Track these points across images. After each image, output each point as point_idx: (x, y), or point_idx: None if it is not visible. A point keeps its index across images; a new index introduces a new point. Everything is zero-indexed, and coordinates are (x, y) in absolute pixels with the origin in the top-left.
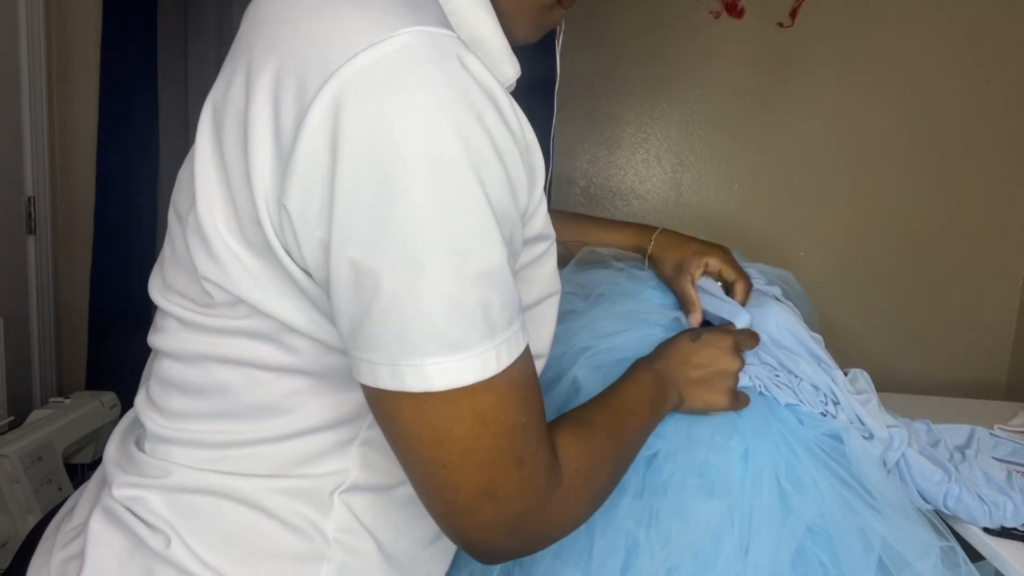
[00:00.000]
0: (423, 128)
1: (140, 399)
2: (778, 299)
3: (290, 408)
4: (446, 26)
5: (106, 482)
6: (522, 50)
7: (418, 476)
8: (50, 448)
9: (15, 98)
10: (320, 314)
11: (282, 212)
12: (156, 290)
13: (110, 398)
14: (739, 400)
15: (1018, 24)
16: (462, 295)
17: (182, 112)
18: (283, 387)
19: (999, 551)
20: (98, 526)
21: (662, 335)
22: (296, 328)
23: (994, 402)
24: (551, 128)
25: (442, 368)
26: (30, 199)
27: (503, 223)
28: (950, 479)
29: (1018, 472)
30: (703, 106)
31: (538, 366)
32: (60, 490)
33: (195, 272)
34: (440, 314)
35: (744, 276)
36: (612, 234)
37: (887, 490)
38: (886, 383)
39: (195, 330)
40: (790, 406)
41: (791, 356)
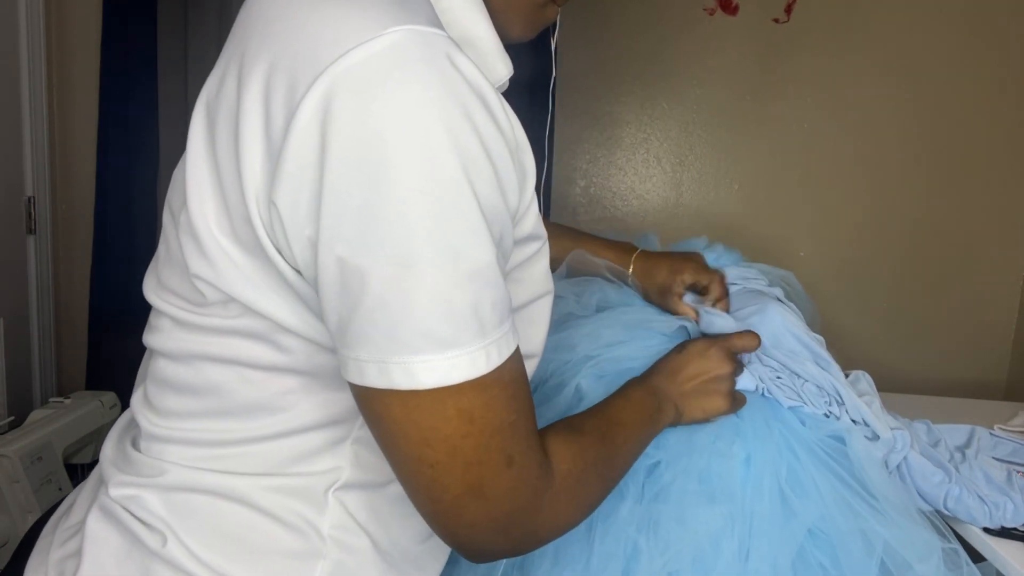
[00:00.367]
0: (411, 126)
1: (136, 399)
2: (780, 300)
3: (283, 407)
4: (436, 25)
5: (103, 481)
6: (517, 48)
7: (405, 474)
8: (50, 448)
9: (15, 98)
10: (311, 313)
11: (272, 210)
12: (150, 289)
13: (110, 398)
14: (737, 401)
15: (1017, 21)
16: (451, 293)
17: (182, 112)
18: (276, 386)
19: (999, 551)
20: (95, 525)
21: (667, 344)
22: (288, 327)
23: (994, 402)
24: (547, 127)
25: (430, 366)
26: (30, 199)
27: (492, 223)
28: (950, 480)
29: (1018, 472)
30: (703, 106)
31: (531, 366)
32: (60, 490)
33: (187, 271)
34: (428, 312)
35: (716, 275)
36: (591, 251)
37: (889, 491)
38: (886, 383)
39: (188, 329)
40: (793, 408)
41: (794, 357)
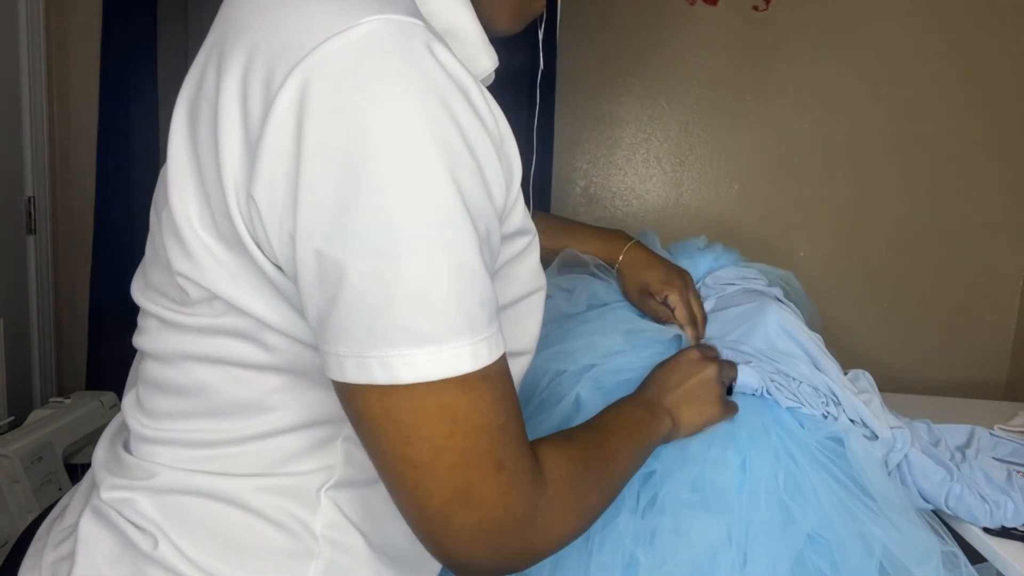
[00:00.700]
0: (388, 117)
1: (126, 401)
2: (779, 299)
3: (272, 406)
4: (415, 15)
5: (95, 484)
6: (508, 41)
7: (389, 477)
8: (50, 448)
9: (15, 98)
10: (293, 311)
11: (251, 204)
12: (138, 291)
13: (110, 398)
14: (730, 408)
15: (1019, 19)
16: (431, 287)
17: None
18: (263, 385)
19: (999, 552)
20: (88, 527)
21: (665, 353)
22: (271, 325)
23: (994, 402)
24: (534, 120)
25: (408, 360)
26: (30, 199)
27: (477, 218)
28: (952, 478)
29: (1018, 472)
30: (703, 106)
31: (525, 362)
32: (60, 490)
33: (170, 269)
34: (407, 305)
35: (691, 323)
36: (580, 244)
37: (889, 492)
38: (886, 383)
39: (175, 330)
40: (791, 409)
41: (787, 359)
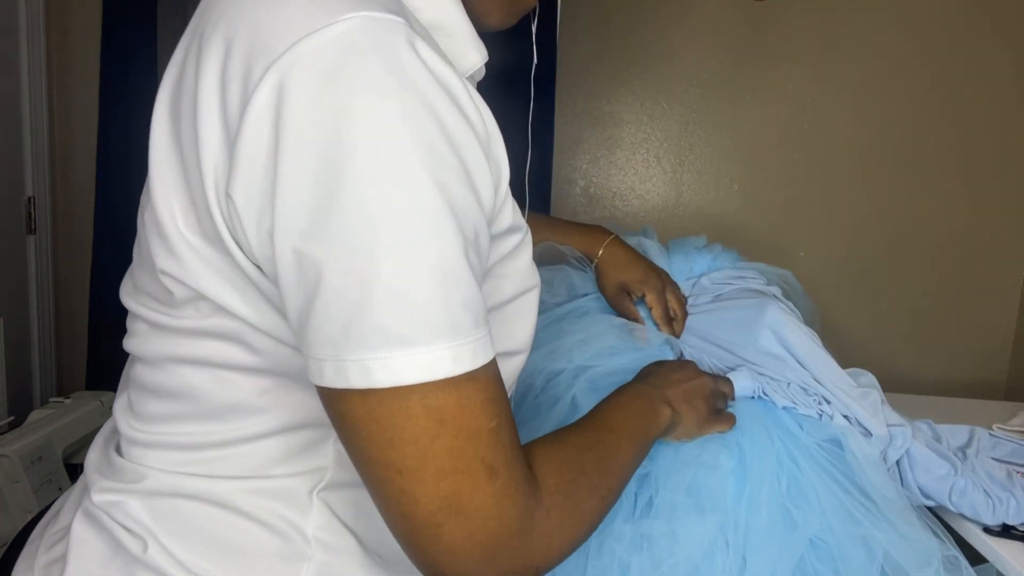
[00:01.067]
0: (365, 116)
1: (117, 405)
2: (777, 298)
3: (261, 408)
4: (397, 12)
5: (87, 487)
6: (502, 36)
7: (374, 484)
8: (50, 448)
9: (15, 98)
10: (275, 312)
11: (229, 202)
12: (127, 294)
13: (110, 398)
14: (727, 420)
15: (1015, 14)
16: (410, 288)
17: None
18: (251, 386)
19: (1000, 552)
20: (80, 530)
21: (660, 355)
22: (256, 326)
23: (994, 402)
24: (528, 116)
25: (385, 363)
26: (30, 199)
27: (463, 219)
28: (956, 472)
29: (1018, 472)
30: (703, 106)
31: (520, 361)
32: (60, 490)
33: (155, 269)
34: (385, 307)
35: (668, 321)
36: (560, 238)
37: (889, 493)
38: (886, 383)
39: (163, 332)
40: (787, 409)
41: (774, 362)
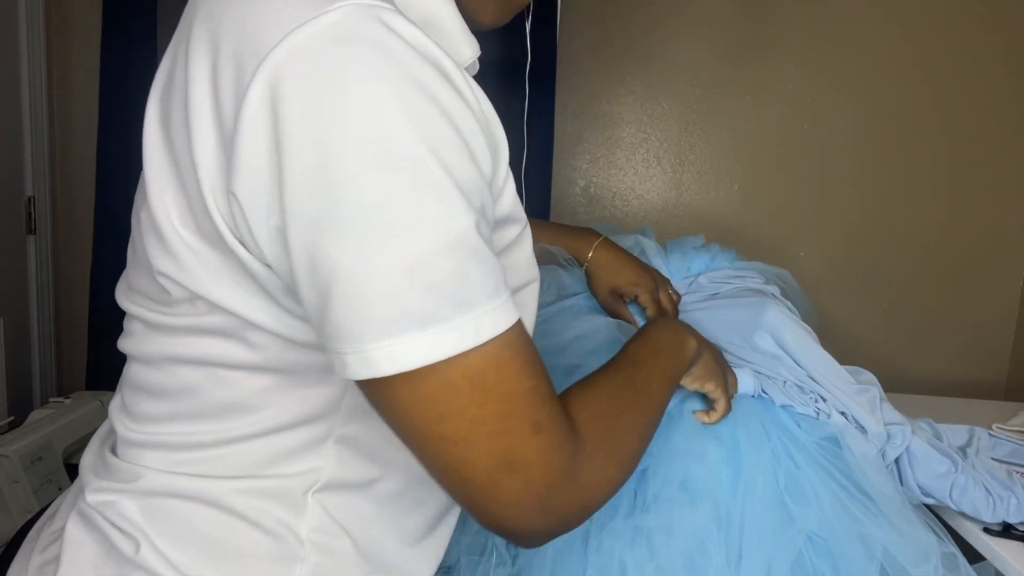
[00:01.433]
0: (362, 102)
1: (113, 405)
2: (776, 297)
3: (257, 406)
4: (386, 1)
5: (81, 488)
6: (495, 35)
7: (430, 459)
8: (50, 448)
9: (15, 98)
10: (278, 307)
11: (232, 201)
12: (122, 294)
13: (110, 398)
14: (733, 383)
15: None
16: (425, 266)
17: None
18: (249, 385)
19: (999, 551)
20: (73, 531)
21: None
22: (255, 323)
23: (994, 402)
24: (523, 113)
25: (412, 347)
26: (30, 199)
27: (470, 192)
28: (957, 469)
29: (1017, 472)
30: (703, 106)
31: None
32: (60, 490)
33: (151, 269)
34: (403, 289)
35: (657, 306)
36: (549, 239)
37: (887, 491)
38: (886, 383)
39: (159, 331)
40: (785, 407)
41: (770, 361)
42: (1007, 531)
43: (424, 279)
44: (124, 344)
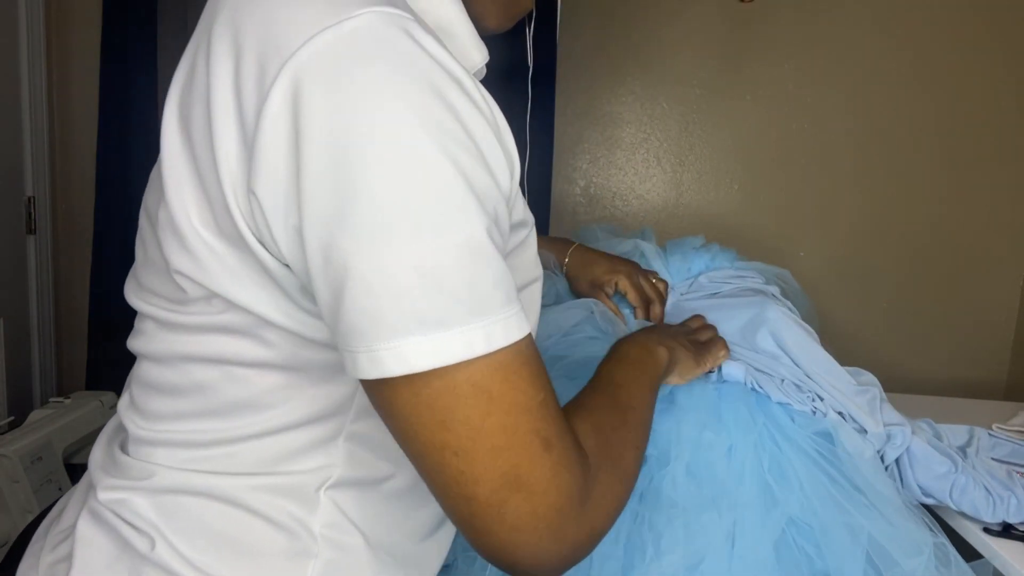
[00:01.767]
0: (382, 107)
1: (122, 403)
2: (776, 297)
3: (270, 404)
4: (405, 9)
5: (92, 486)
6: (498, 39)
7: (429, 469)
8: (50, 448)
9: (15, 98)
10: (295, 306)
11: (252, 199)
12: (132, 292)
13: (110, 398)
14: (720, 345)
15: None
16: (438, 269)
17: None
18: (261, 383)
19: (999, 551)
20: (85, 528)
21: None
22: (271, 321)
23: (994, 402)
24: (526, 118)
25: (421, 349)
26: (30, 199)
27: (484, 199)
28: (957, 469)
29: (1017, 472)
30: (703, 106)
31: None
32: (60, 490)
33: (167, 269)
34: (414, 290)
35: (645, 304)
36: None
37: (881, 487)
38: (886, 383)
39: (172, 329)
40: (782, 404)
41: (770, 360)
42: (1007, 531)
43: (436, 282)
44: (134, 343)
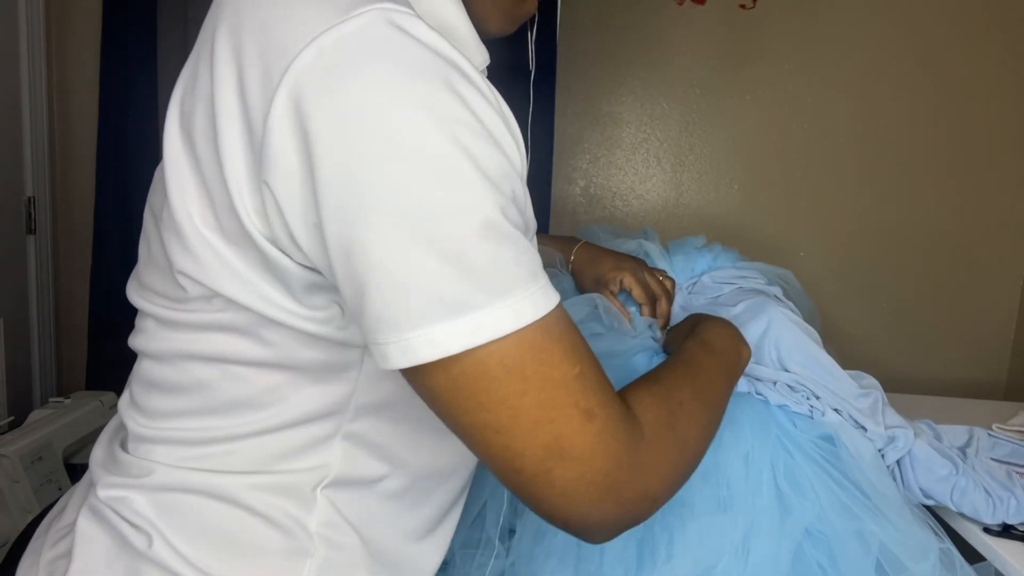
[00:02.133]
0: (388, 101)
1: (123, 401)
2: (778, 298)
3: (269, 402)
4: (406, 5)
5: (92, 483)
6: (499, 42)
7: (478, 448)
8: (50, 448)
9: (15, 98)
10: (297, 304)
11: (267, 200)
12: (133, 291)
13: (110, 398)
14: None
15: (1014, 13)
16: (458, 253)
17: None
18: (261, 381)
19: (999, 551)
20: (85, 525)
21: (645, 337)
22: (272, 318)
23: (994, 402)
24: (527, 121)
25: (451, 333)
26: (30, 199)
27: (498, 179)
28: (958, 471)
29: (1017, 473)
30: (703, 106)
31: None
32: (60, 490)
33: (170, 268)
34: (437, 277)
35: (651, 300)
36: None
37: (884, 488)
38: (886, 383)
39: (172, 328)
40: (781, 407)
41: (768, 360)
42: (1007, 531)
43: (458, 266)
44: (135, 341)
